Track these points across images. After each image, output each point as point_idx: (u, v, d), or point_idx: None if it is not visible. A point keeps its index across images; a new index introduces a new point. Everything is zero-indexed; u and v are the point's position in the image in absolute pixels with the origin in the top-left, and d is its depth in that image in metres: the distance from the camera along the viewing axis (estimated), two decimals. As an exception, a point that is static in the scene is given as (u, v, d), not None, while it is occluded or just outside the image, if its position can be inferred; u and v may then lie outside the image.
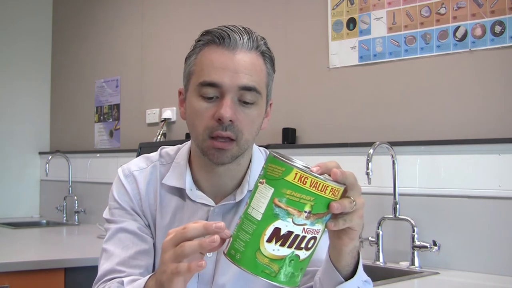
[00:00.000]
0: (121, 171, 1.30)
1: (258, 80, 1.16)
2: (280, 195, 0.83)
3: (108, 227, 1.26)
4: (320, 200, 0.84)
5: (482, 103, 2.10)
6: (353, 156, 2.36)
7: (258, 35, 1.18)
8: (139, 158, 1.33)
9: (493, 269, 1.99)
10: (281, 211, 0.83)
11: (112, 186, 1.30)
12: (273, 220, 0.84)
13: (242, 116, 1.14)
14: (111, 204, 1.28)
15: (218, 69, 1.13)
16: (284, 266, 0.84)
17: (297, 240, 0.84)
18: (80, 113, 4.08)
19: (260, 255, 0.84)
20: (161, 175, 1.27)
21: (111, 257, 1.20)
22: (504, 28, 2.04)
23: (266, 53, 1.19)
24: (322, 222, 0.86)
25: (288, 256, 0.84)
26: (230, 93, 1.12)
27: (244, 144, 1.16)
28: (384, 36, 2.37)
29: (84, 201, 3.84)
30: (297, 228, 0.83)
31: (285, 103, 2.70)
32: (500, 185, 1.99)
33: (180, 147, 1.32)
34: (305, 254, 0.86)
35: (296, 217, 0.83)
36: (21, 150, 4.21)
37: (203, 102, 1.14)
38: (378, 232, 2.22)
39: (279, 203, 0.83)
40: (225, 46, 1.14)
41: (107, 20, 3.92)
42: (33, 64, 4.29)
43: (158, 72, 3.45)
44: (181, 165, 1.26)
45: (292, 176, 0.83)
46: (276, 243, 0.83)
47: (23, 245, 3.01)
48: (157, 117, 3.42)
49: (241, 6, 2.99)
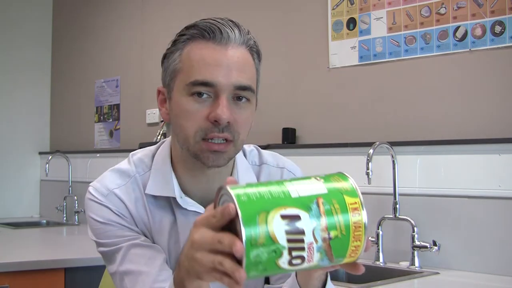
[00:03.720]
0: (95, 191, 1.16)
1: (251, 77, 1.08)
2: (327, 199, 0.77)
3: (111, 249, 1.13)
4: (345, 241, 0.76)
5: (482, 103, 2.10)
6: (353, 156, 2.36)
7: (245, 28, 1.10)
8: (111, 172, 1.19)
9: (493, 269, 1.99)
10: (316, 211, 0.75)
11: (88, 210, 1.16)
12: (303, 208, 0.75)
13: (238, 116, 1.06)
14: (99, 228, 1.14)
15: (211, 66, 1.03)
16: (265, 247, 0.73)
17: (297, 243, 0.74)
18: (80, 113, 4.08)
19: (263, 215, 0.73)
20: (144, 187, 1.15)
21: (141, 277, 1.08)
22: (504, 28, 2.04)
23: (254, 48, 1.10)
24: (321, 257, 0.76)
25: (278, 245, 0.73)
26: (225, 93, 1.04)
27: (240, 145, 1.10)
28: (384, 36, 2.37)
29: (84, 201, 3.84)
30: (309, 236, 0.74)
31: (285, 103, 2.70)
32: (500, 185, 1.99)
33: (153, 150, 1.21)
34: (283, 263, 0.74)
35: (320, 229, 0.75)
36: (21, 150, 4.21)
37: (194, 102, 1.05)
38: (378, 232, 2.22)
39: (321, 205, 0.76)
40: (216, 41, 1.05)
41: (107, 20, 3.92)
42: (33, 64, 4.29)
43: (158, 72, 3.42)
44: (164, 171, 1.15)
45: (348, 199, 0.78)
46: (285, 225, 0.73)
47: (23, 245, 3.01)
48: (157, 117, 3.42)
49: (241, 6, 2.99)
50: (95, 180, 1.19)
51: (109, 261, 1.15)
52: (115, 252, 1.12)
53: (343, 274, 2.24)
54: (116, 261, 1.12)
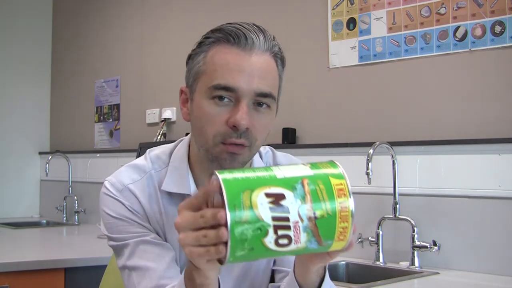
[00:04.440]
0: (110, 186, 1.16)
1: (273, 84, 1.09)
2: (313, 180, 0.77)
3: (120, 244, 1.14)
4: (331, 221, 0.77)
5: (482, 103, 2.10)
6: (353, 156, 2.36)
7: (270, 34, 1.11)
8: (127, 168, 1.19)
9: (493, 269, 1.99)
10: (301, 190, 0.76)
11: (102, 204, 1.16)
12: (288, 188, 0.76)
13: (257, 122, 1.06)
14: (111, 222, 1.15)
15: (234, 71, 1.04)
16: (250, 224, 0.73)
17: (283, 222, 0.74)
18: (80, 113, 4.08)
19: (247, 193, 0.74)
20: (159, 184, 1.16)
21: (148, 273, 1.09)
22: (504, 28, 2.04)
23: (278, 54, 1.12)
24: (308, 238, 0.76)
25: (263, 223, 0.73)
26: (246, 99, 1.04)
27: (256, 150, 1.11)
28: (384, 36, 2.37)
29: (84, 201, 3.84)
30: (295, 215, 0.75)
31: (285, 103, 2.68)
32: (500, 185, 1.99)
33: (171, 148, 1.22)
34: (270, 243, 0.74)
35: (305, 208, 0.75)
36: (21, 150, 4.21)
37: (215, 106, 1.05)
38: (378, 232, 2.22)
39: (306, 185, 0.76)
40: (241, 46, 1.05)
41: (107, 20, 3.92)
42: (33, 64, 4.29)
43: (158, 72, 3.44)
44: (181, 169, 1.16)
45: (334, 180, 0.78)
46: (269, 203, 0.74)
47: (23, 245, 3.01)
48: (157, 117, 3.42)
49: (241, 6, 2.99)
50: (111, 175, 1.20)
51: (118, 255, 1.16)
52: (124, 247, 1.14)
53: (343, 274, 2.24)
54: (125, 256, 1.13)
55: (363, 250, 2.27)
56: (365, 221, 2.28)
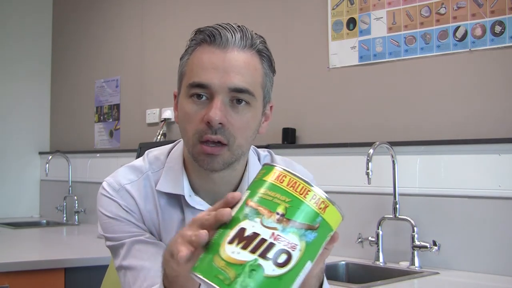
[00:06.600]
0: (108, 186, 1.18)
1: (252, 81, 1.08)
2: (253, 194, 0.75)
3: (116, 244, 1.16)
4: (297, 204, 0.73)
5: (482, 103, 2.10)
6: (353, 156, 2.36)
7: (254, 33, 1.12)
8: (125, 168, 1.21)
9: (493, 269, 1.99)
10: (251, 210, 0.74)
11: (99, 204, 1.18)
12: (241, 220, 0.73)
13: (234, 119, 1.06)
14: (107, 222, 1.17)
15: (208, 69, 1.06)
16: (242, 275, 0.70)
17: (263, 245, 0.71)
18: (80, 113, 4.08)
19: (217, 257, 0.72)
20: (156, 185, 1.17)
21: (142, 272, 1.11)
22: (504, 28, 2.04)
23: (263, 52, 1.12)
24: (298, 235, 0.73)
25: (249, 263, 0.70)
26: (220, 95, 1.05)
27: (237, 150, 1.09)
28: (384, 36, 2.37)
29: (84, 201, 3.84)
30: (265, 231, 0.72)
31: (285, 103, 2.70)
32: (500, 185, 1.99)
33: (169, 148, 1.23)
34: (274, 271, 0.71)
35: (266, 217, 0.73)
36: (21, 150, 4.22)
37: (193, 104, 1.07)
38: (378, 232, 2.21)
39: (251, 203, 0.74)
40: (216, 44, 1.07)
41: (107, 20, 3.92)
42: (33, 64, 4.29)
43: (158, 72, 3.44)
44: (176, 170, 1.17)
45: (270, 175, 0.76)
46: (237, 244, 0.71)
47: (23, 245, 3.01)
48: (157, 117, 3.42)
49: (241, 6, 2.99)
50: (109, 176, 1.22)
51: (114, 255, 1.18)
52: (119, 247, 1.15)
53: (343, 274, 2.24)
54: (120, 256, 1.15)
55: (363, 250, 2.27)
56: (365, 221, 2.28)
